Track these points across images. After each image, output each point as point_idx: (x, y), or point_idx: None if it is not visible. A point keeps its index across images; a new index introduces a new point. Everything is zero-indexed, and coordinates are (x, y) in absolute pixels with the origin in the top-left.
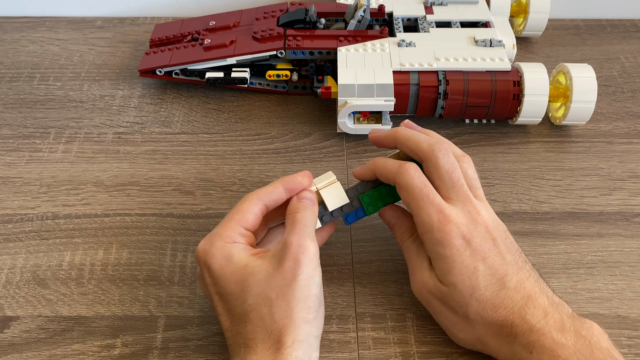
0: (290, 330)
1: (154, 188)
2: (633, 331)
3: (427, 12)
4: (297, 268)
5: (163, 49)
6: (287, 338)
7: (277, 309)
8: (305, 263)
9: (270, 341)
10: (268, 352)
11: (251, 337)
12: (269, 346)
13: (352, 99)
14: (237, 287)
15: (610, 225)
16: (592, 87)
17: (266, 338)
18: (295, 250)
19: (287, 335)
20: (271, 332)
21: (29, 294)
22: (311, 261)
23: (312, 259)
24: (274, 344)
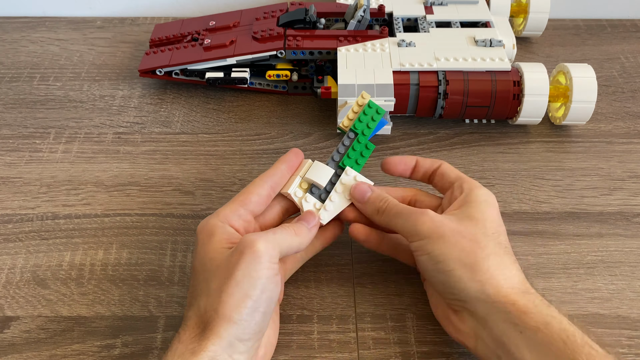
0: (214, 324)
1: (154, 188)
2: (633, 331)
3: (427, 12)
4: (239, 263)
5: (163, 49)
6: (209, 331)
7: (211, 300)
8: (248, 259)
9: (196, 331)
10: (189, 342)
11: (187, 324)
12: (193, 335)
13: (352, 99)
14: (201, 268)
15: (610, 225)
16: (592, 87)
17: (194, 327)
18: (243, 245)
19: (210, 329)
20: (200, 322)
21: (29, 294)
22: (255, 260)
23: (257, 257)
24: (198, 334)
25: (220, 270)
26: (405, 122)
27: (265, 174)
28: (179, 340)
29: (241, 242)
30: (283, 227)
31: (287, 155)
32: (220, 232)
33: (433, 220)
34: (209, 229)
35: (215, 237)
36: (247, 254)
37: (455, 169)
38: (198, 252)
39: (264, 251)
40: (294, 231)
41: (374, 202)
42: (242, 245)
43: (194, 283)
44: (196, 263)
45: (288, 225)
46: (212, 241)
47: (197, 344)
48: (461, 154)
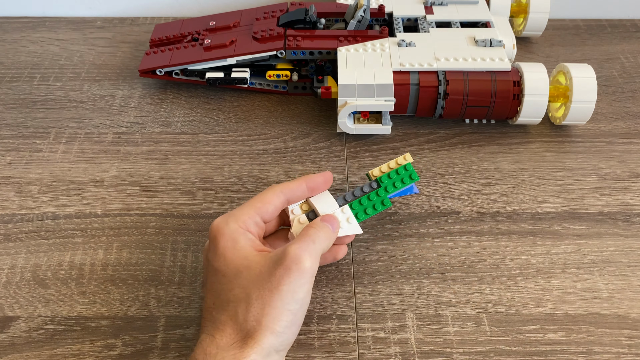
0: (256, 334)
1: (154, 188)
2: (633, 331)
3: (427, 12)
4: (284, 277)
5: (163, 49)
6: (251, 341)
7: (253, 310)
8: (294, 276)
9: (236, 338)
10: (229, 349)
11: (221, 328)
12: (232, 342)
13: (352, 99)
14: (232, 272)
15: (610, 225)
16: (592, 87)
17: (233, 334)
18: (290, 260)
19: (252, 338)
20: (240, 330)
21: (29, 294)
22: (301, 276)
23: (303, 274)
24: (239, 342)
25: (262, 281)
26: (405, 122)
27: (286, 185)
28: (216, 345)
29: (287, 255)
30: (316, 231)
31: (315, 177)
32: (244, 239)
33: None
34: (230, 234)
35: (240, 242)
36: (294, 271)
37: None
38: (223, 255)
39: (309, 268)
40: (328, 234)
41: None
42: (288, 260)
43: (224, 287)
44: (221, 266)
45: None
46: (239, 247)
47: (239, 351)
48: (461, 154)
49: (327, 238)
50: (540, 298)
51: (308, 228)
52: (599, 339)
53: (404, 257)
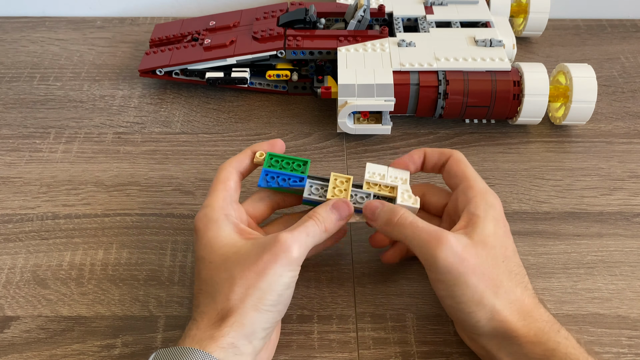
0: (237, 312)
1: (154, 188)
2: (633, 331)
3: (427, 12)
4: (270, 263)
5: (163, 49)
6: (230, 319)
7: (235, 290)
8: (282, 262)
9: (215, 318)
10: (208, 328)
11: (202, 311)
12: (212, 322)
13: (352, 99)
14: (219, 259)
15: (610, 225)
16: (592, 87)
17: (213, 315)
18: (279, 247)
19: (231, 317)
20: (220, 310)
21: (29, 294)
22: (288, 264)
23: (290, 262)
24: (217, 321)
25: (247, 263)
26: (405, 122)
27: (233, 159)
28: (197, 327)
29: (277, 241)
30: (314, 224)
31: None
32: (226, 225)
33: (454, 253)
34: (212, 223)
35: (225, 231)
36: (281, 258)
37: (462, 163)
38: (210, 244)
39: (297, 257)
40: (325, 227)
41: (383, 217)
42: (277, 246)
43: (211, 274)
44: (209, 254)
45: (318, 219)
46: (224, 235)
47: (217, 330)
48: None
49: (324, 231)
50: (540, 298)
51: (308, 217)
52: (599, 339)
53: None
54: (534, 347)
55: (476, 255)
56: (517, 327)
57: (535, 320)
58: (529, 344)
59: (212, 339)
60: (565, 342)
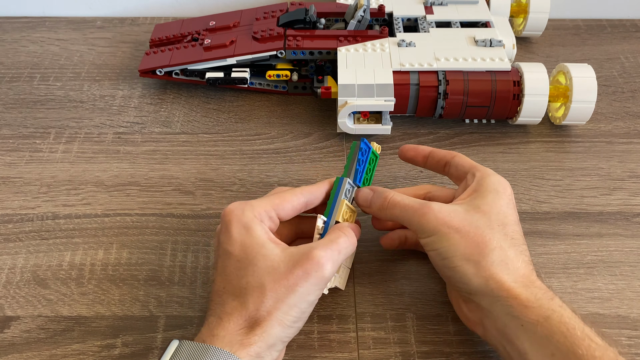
0: (265, 324)
1: (154, 188)
2: (633, 331)
3: (427, 12)
4: (302, 280)
5: (163, 49)
6: (259, 329)
7: (266, 302)
8: (313, 281)
9: (244, 324)
10: (237, 333)
11: (229, 312)
12: (240, 328)
13: (352, 99)
14: (247, 259)
15: (610, 225)
16: (592, 87)
17: (241, 320)
18: (312, 265)
19: (259, 327)
20: (248, 317)
21: (29, 294)
22: (319, 282)
23: (321, 280)
24: (246, 328)
25: (278, 276)
26: (405, 122)
27: (306, 188)
28: (223, 328)
29: (311, 258)
30: (346, 240)
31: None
32: (259, 228)
33: (437, 216)
34: (246, 221)
35: (256, 231)
36: (313, 276)
37: (468, 158)
38: (239, 240)
39: (328, 276)
40: (354, 244)
41: (376, 202)
42: (311, 263)
43: (237, 272)
44: (236, 251)
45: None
46: (255, 234)
47: (246, 337)
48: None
49: (352, 247)
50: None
51: (340, 233)
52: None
53: (404, 257)
54: (527, 311)
55: (463, 218)
56: (509, 286)
57: (528, 285)
58: (521, 307)
59: (241, 345)
60: (559, 311)
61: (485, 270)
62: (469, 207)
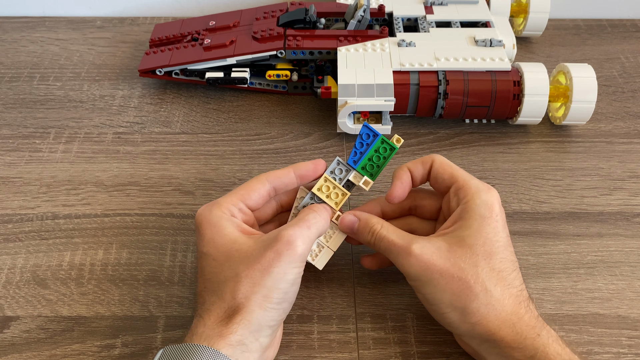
0: (244, 310)
1: (154, 188)
2: (633, 331)
3: (427, 12)
4: (275, 260)
5: (163, 49)
6: (237, 317)
7: (241, 288)
8: (285, 260)
9: (222, 315)
10: (215, 326)
11: (208, 309)
12: (219, 320)
13: (352, 99)
14: (222, 256)
15: (610, 225)
16: (592, 87)
17: (220, 312)
18: (283, 244)
19: (238, 314)
20: (227, 308)
21: (29, 294)
22: (292, 260)
23: (294, 258)
24: (224, 319)
25: (252, 261)
26: (405, 122)
27: (272, 173)
28: (203, 324)
29: (280, 238)
30: (315, 215)
31: (304, 165)
32: (230, 224)
33: (419, 259)
34: (215, 221)
35: (227, 228)
36: (285, 255)
37: (447, 165)
38: (212, 240)
39: (301, 252)
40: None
41: (363, 234)
42: (281, 243)
43: (214, 270)
44: (211, 250)
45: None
46: (226, 232)
47: (225, 327)
48: (461, 154)
49: (325, 222)
50: (540, 298)
51: (307, 211)
52: (599, 339)
53: None
54: (514, 351)
55: (447, 258)
56: (495, 329)
57: (514, 324)
58: (508, 347)
59: (220, 336)
60: (543, 349)
61: (471, 316)
62: (453, 241)
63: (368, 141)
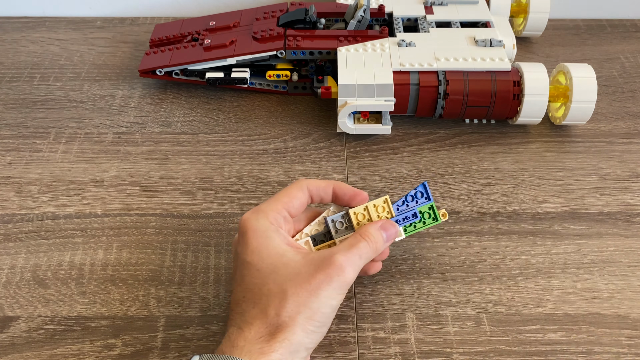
0: (287, 330)
1: (154, 188)
2: (633, 331)
3: (427, 12)
4: (324, 284)
5: (163, 49)
6: (280, 335)
7: (287, 307)
8: (335, 285)
9: (264, 332)
10: (257, 342)
11: (250, 321)
12: (260, 336)
13: (352, 99)
14: (268, 268)
15: (610, 225)
16: (592, 87)
17: (262, 328)
18: (334, 270)
19: (282, 333)
20: (269, 324)
21: (29, 294)
22: (341, 286)
23: (342, 284)
24: (267, 335)
25: (300, 280)
26: (405, 122)
27: (312, 182)
28: (244, 338)
29: (332, 263)
30: (366, 245)
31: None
32: (277, 235)
33: None
34: (263, 231)
35: (275, 240)
36: (335, 280)
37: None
38: (258, 250)
39: (350, 280)
40: (376, 247)
41: None
42: (333, 268)
43: (257, 281)
44: (256, 260)
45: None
46: (274, 244)
47: (267, 344)
48: (461, 154)
49: (375, 251)
50: (540, 298)
51: (360, 238)
52: (599, 339)
53: (404, 257)
54: None
55: None
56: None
57: None
58: None
59: (261, 353)
60: None
61: None
62: None
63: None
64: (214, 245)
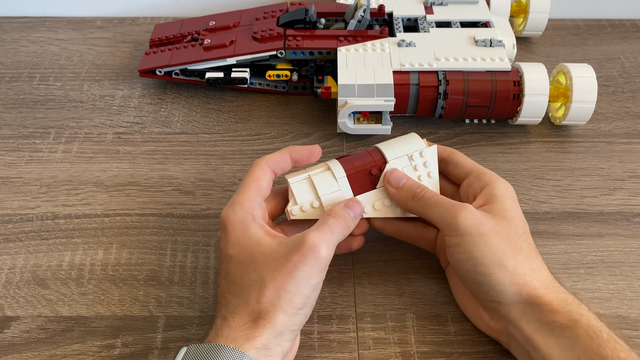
0: (269, 315)
1: (154, 188)
2: (633, 331)
3: (427, 12)
4: (299, 265)
5: (163, 49)
6: (263, 321)
7: (267, 293)
8: (310, 263)
9: (247, 319)
10: (241, 329)
11: (233, 311)
12: (244, 323)
13: (352, 99)
14: (247, 258)
15: (610, 225)
16: (592, 87)
17: (245, 315)
18: (307, 248)
19: (263, 319)
20: (252, 312)
21: (29, 294)
22: (316, 264)
23: (318, 263)
24: (249, 322)
25: (277, 265)
26: (405, 122)
27: (269, 159)
28: (228, 326)
29: (305, 242)
30: (335, 221)
31: (300, 149)
32: (254, 225)
33: (474, 216)
34: (240, 222)
35: (251, 229)
36: (310, 259)
37: (467, 157)
38: (237, 242)
39: (325, 257)
40: (345, 222)
41: (410, 188)
42: (305, 247)
43: (239, 273)
44: (236, 253)
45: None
46: (250, 233)
47: (250, 331)
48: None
49: (346, 227)
50: None
51: (329, 216)
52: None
53: (404, 257)
54: (557, 315)
55: (495, 223)
56: (541, 293)
57: (557, 291)
58: (552, 312)
59: (246, 339)
60: (587, 314)
61: (519, 277)
62: (495, 213)
63: None
64: (213, 245)
